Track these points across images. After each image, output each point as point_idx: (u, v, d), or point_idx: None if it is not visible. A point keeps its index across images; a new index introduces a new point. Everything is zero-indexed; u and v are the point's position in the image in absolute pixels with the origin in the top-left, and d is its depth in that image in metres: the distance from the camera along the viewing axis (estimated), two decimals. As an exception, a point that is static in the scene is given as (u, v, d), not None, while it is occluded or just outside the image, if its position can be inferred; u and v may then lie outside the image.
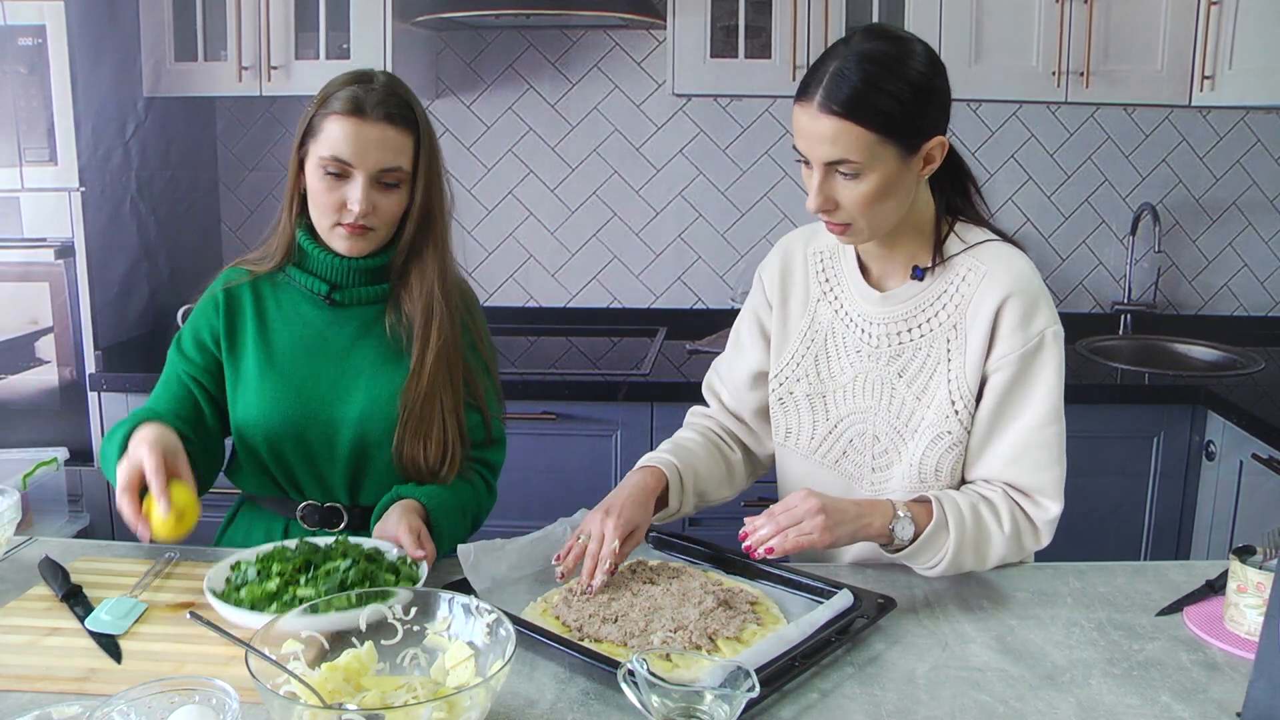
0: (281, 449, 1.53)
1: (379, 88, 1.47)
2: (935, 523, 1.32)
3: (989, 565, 1.39)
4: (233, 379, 1.55)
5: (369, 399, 1.53)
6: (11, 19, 2.57)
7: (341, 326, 1.56)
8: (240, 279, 1.57)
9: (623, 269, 3.22)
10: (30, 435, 2.73)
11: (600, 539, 1.34)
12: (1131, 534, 2.68)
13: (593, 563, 1.33)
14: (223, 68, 2.82)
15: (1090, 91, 2.77)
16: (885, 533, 1.32)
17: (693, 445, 1.55)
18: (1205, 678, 1.18)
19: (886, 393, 1.44)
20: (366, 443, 1.53)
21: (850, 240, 1.40)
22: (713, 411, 1.63)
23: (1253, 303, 3.18)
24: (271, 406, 1.52)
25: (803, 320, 1.51)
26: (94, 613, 1.28)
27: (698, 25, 2.83)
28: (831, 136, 1.27)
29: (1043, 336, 1.36)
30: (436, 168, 1.53)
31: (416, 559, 1.34)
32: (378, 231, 1.50)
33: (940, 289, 1.40)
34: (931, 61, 1.31)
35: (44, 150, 2.62)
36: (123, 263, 2.77)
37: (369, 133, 1.44)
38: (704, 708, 1.01)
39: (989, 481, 1.40)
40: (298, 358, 1.54)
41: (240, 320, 1.56)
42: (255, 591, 1.26)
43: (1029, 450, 1.37)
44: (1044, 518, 1.38)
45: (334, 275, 1.54)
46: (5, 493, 1.46)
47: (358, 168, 1.45)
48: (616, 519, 1.35)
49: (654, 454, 1.51)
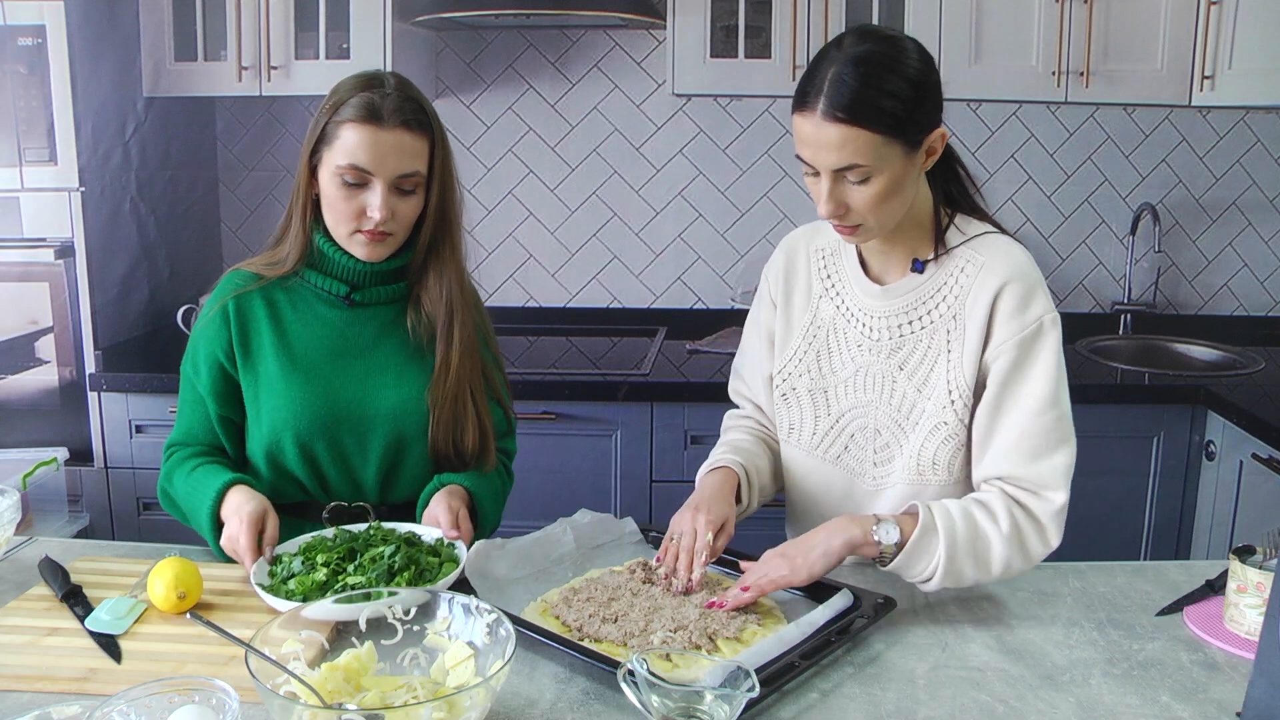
0: (314, 450, 1.52)
1: (393, 92, 1.45)
2: (922, 526, 1.29)
3: (994, 572, 1.32)
4: (252, 389, 1.52)
5: (400, 396, 1.54)
6: (11, 19, 2.57)
7: (362, 326, 1.56)
8: (248, 285, 1.54)
9: (623, 269, 3.22)
10: (30, 435, 2.73)
11: (694, 534, 1.37)
12: (1131, 534, 2.68)
13: (689, 558, 1.35)
14: (223, 68, 2.83)
15: (1090, 91, 2.78)
16: (868, 541, 1.30)
17: (748, 444, 1.58)
18: (1205, 678, 1.18)
19: (888, 386, 1.44)
20: (402, 439, 1.54)
21: (860, 239, 1.41)
22: (748, 411, 1.65)
23: (1253, 303, 3.18)
24: (301, 407, 1.50)
25: (805, 316, 1.52)
26: (93, 613, 1.28)
27: (698, 25, 2.83)
28: (839, 143, 1.27)
29: (1040, 323, 1.36)
30: (451, 168, 1.54)
31: (451, 539, 1.40)
32: (396, 236, 1.50)
33: (940, 281, 1.41)
34: (924, 56, 1.32)
35: (44, 150, 2.62)
36: (123, 263, 2.77)
37: (386, 140, 1.42)
38: (704, 708, 1.01)
39: (993, 482, 1.38)
40: (321, 358, 1.53)
41: (254, 327, 1.53)
42: (305, 583, 1.28)
43: (1027, 438, 1.34)
44: (1049, 510, 1.33)
45: (353, 277, 1.53)
46: (5, 493, 1.46)
47: (377, 175, 1.43)
48: (707, 514, 1.39)
49: (717, 455, 1.55)
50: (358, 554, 1.34)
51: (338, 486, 1.55)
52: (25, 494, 2.51)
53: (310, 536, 1.39)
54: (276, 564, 1.34)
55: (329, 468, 1.53)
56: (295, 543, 1.39)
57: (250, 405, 1.53)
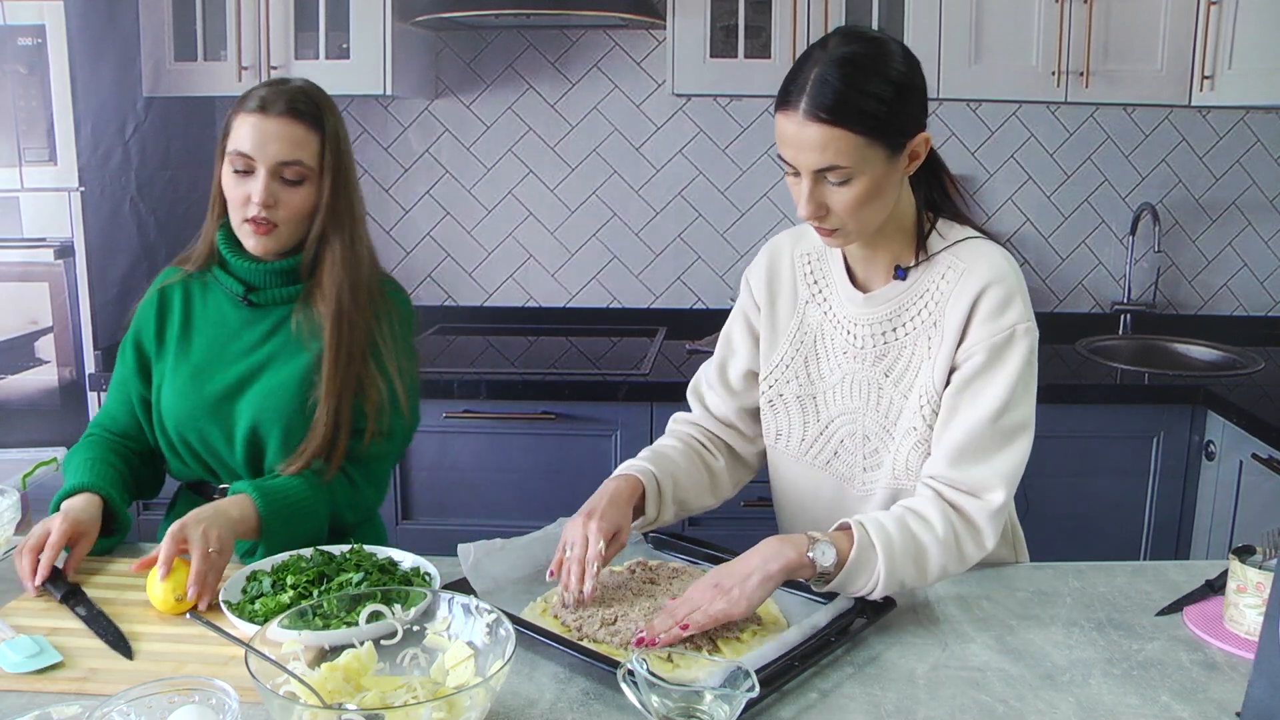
0: (187, 439, 1.59)
1: (288, 89, 1.53)
2: (859, 545, 1.26)
3: (931, 579, 1.31)
4: (157, 375, 1.62)
5: (263, 391, 1.57)
6: (11, 19, 2.57)
7: (256, 325, 1.60)
8: (174, 278, 1.64)
9: (623, 269, 3.22)
10: (30, 435, 2.73)
11: (584, 543, 1.31)
12: (1131, 534, 2.68)
13: (579, 568, 1.30)
14: (223, 68, 2.82)
15: (1090, 91, 2.77)
16: (806, 563, 1.25)
17: (672, 453, 1.51)
18: (1205, 678, 1.18)
19: (874, 393, 1.44)
20: (259, 434, 1.57)
21: (839, 243, 1.39)
22: (696, 417, 1.60)
23: (1253, 303, 3.18)
24: (178, 399, 1.58)
25: (791, 322, 1.51)
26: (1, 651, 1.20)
27: (697, 25, 2.83)
28: (820, 144, 1.26)
29: (1013, 330, 1.34)
30: (343, 166, 1.55)
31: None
32: (282, 229, 1.53)
33: (922, 288, 1.40)
34: (908, 59, 1.31)
35: (44, 150, 2.62)
36: (123, 263, 2.77)
37: (269, 126, 1.49)
38: (704, 708, 1.01)
39: (929, 481, 1.35)
40: (210, 355, 1.60)
41: (169, 318, 1.62)
42: (269, 604, 1.27)
43: (974, 441, 1.32)
44: (985, 511, 1.32)
45: (251, 277, 1.58)
46: (5, 493, 1.46)
47: (259, 161, 1.49)
48: (599, 522, 1.33)
49: (632, 462, 1.48)
50: (327, 578, 1.32)
51: (219, 471, 1.61)
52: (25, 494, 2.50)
53: (288, 555, 1.38)
54: (250, 581, 1.33)
55: (205, 457, 1.61)
56: (271, 561, 1.37)
57: (154, 393, 1.62)
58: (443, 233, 3.20)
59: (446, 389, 2.62)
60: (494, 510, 2.67)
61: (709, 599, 1.22)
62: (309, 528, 1.51)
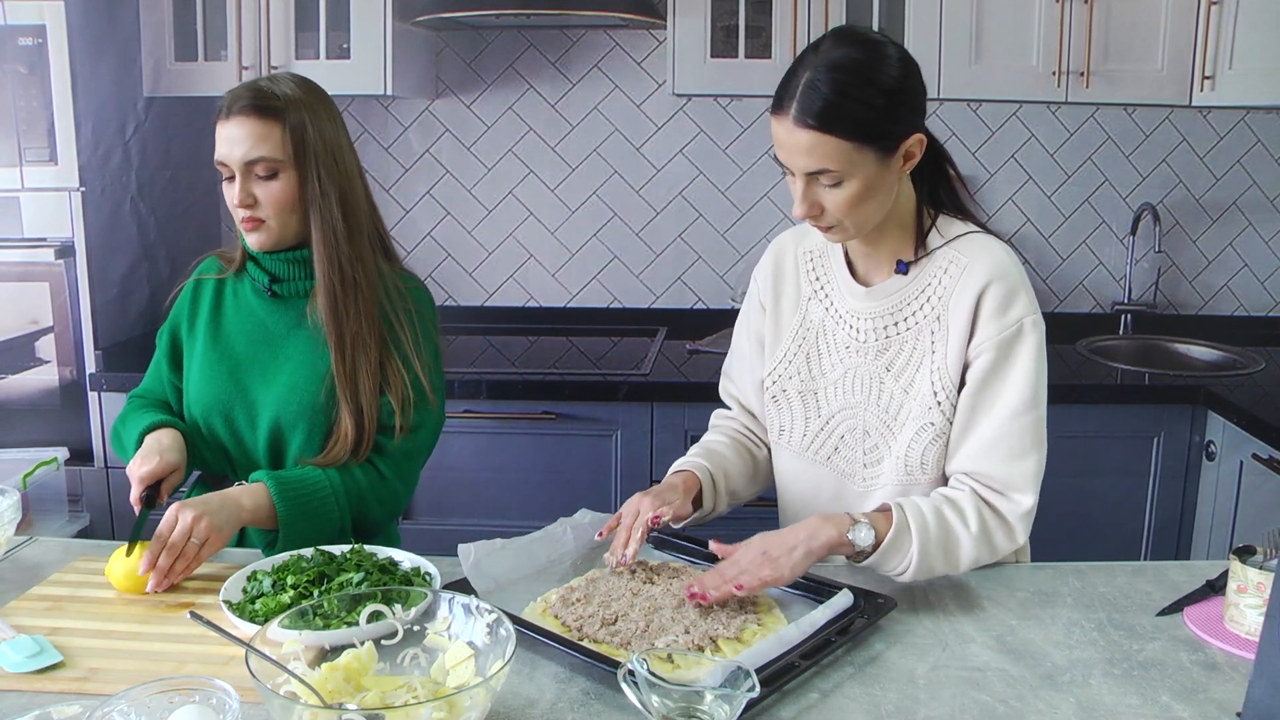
0: (212, 425, 1.62)
1: (252, 86, 1.54)
2: (896, 527, 1.31)
3: (962, 567, 1.37)
4: (187, 362, 1.66)
5: (289, 382, 1.59)
6: (11, 19, 2.56)
7: (281, 316, 1.63)
8: (212, 273, 1.69)
9: (623, 269, 3.22)
10: (30, 435, 2.73)
11: (635, 513, 1.39)
12: (1131, 534, 2.68)
13: (626, 534, 1.37)
14: (223, 68, 2.82)
15: (1090, 91, 2.77)
16: (845, 542, 1.31)
17: (720, 447, 1.59)
18: (1205, 678, 1.18)
19: (875, 387, 1.45)
20: (282, 424, 1.59)
21: (838, 239, 1.43)
22: (735, 413, 1.67)
23: (1253, 303, 3.18)
24: (207, 384, 1.62)
25: (794, 318, 1.53)
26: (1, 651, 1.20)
27: (698, 25, 2.83)
28: (808, 149, 1.28)
29: (1021, 325, 1.36)
30: (310, 154, 1.54)
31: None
32: (271, 223, 1.55)
33: (924, 282, 1.42)
34: (904, 63, 1.32)
35: (44, 150, 2.62)
36: (123, 263, 2.76)
37: (231, 129, 1.52)
38: (704, 708, 1.01)
39: (962, 478, 1.40)
40: (239, 343, 1.63)
41: (202, 308, 1.67)
42: (270, 604, 1.27)
43: (1002, 440, 1.37)
44: (1016, 512, 1.37)
45: (274, 268, 1.62)
46: (5, 493, 1.46)
47: (230, 164, 1.52)
48: (653, 498, 1.41)
49: (684, 459, 1.56)
50: (327, 578, 1.32)
51: (241, 463, 1.63)
52: (25, 494, 2.51)
53: (289, 555, 1.38)
54: (250, 581, 1.33)
55: (228, 445, 1.63)
56: (272, 561, 1.37)
57: (184, 378, 1.66)
58: (443, 233, 3.20)
59: (447, 389, 2.61)
60: (494, 510, 2.67)
61: (757, 564, 1.28)
62: (329, 519, 1.52)
